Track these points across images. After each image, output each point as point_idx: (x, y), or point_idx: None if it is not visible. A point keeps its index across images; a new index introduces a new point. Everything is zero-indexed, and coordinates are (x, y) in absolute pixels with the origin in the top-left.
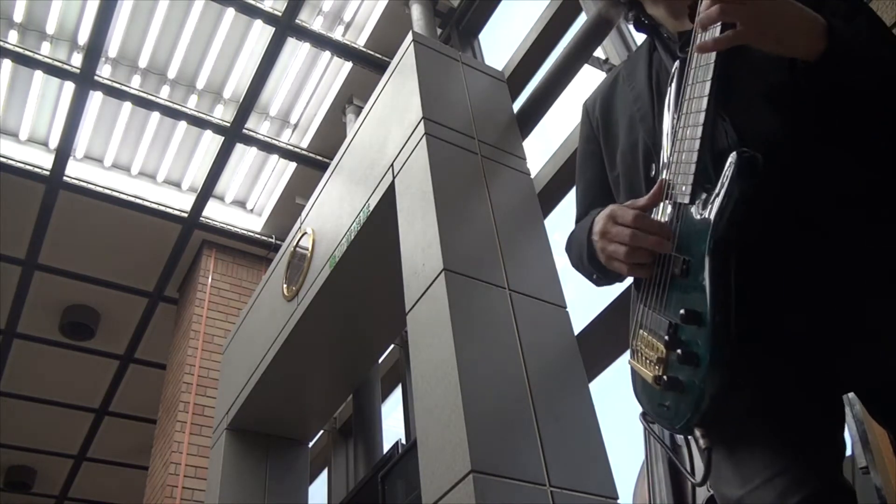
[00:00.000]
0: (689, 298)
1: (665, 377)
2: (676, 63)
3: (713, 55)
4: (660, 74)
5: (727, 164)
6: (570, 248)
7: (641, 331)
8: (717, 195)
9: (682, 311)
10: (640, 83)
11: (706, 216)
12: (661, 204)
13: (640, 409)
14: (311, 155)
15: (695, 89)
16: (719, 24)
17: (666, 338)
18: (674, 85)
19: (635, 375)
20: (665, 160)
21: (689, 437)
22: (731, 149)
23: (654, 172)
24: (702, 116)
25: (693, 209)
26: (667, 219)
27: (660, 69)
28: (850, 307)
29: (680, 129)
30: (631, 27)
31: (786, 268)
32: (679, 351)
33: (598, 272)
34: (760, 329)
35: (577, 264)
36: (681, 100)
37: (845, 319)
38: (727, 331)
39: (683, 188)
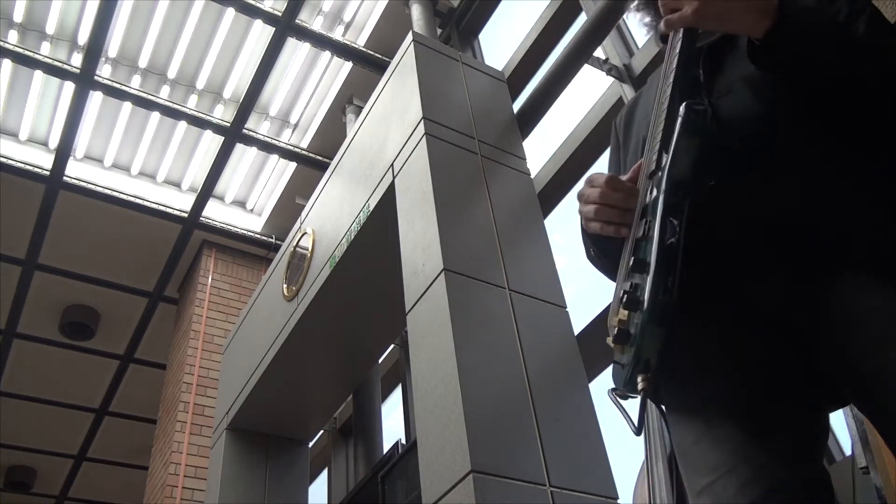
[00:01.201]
0: (642, 252)
1: (616, 329)
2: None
3: (680, 38)
4: None
5: (677, 117)
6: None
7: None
8: (669, 148)
9: (630, 261)
10: (654, 90)
11: (660, 175)
12: (644, 184)
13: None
14: (311, 155)
15: (667, 72)
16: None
17: (621, 294)
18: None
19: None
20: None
21: (634, 394)
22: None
23: None
24: (668, 90)
25: (657, 175)
26: (649, 197)
27: None
28: (825, 290)
29: (655, 113)
30: (633, 25)
31: (759, 244)
32: (625, 299)
33: (594, 245)
34: (729, 302)
35: (584, 245)
36: (662, 79)
37: (820, 301)
38: (667, 272)
39: (652, 157)
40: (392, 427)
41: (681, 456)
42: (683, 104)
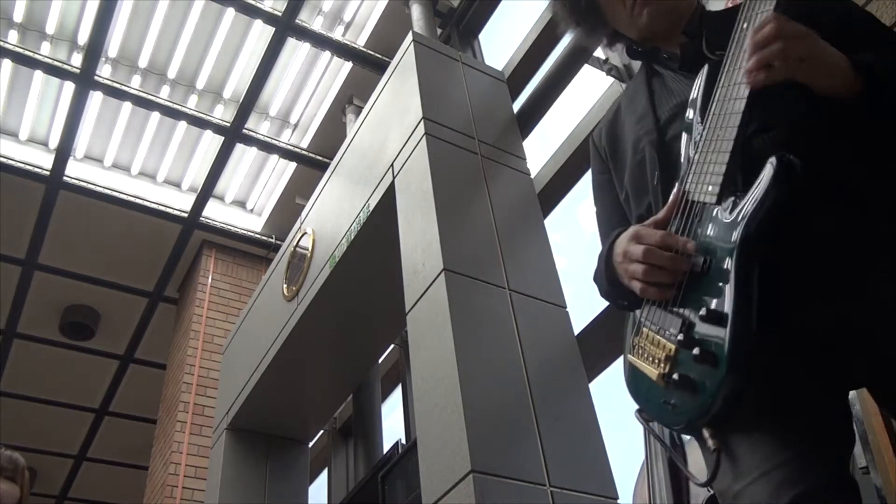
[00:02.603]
0: (710, 298)
1: (676, 375)
2: (705, 67)
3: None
4: (662, 93)
5: (766, 166)
6: (595, 277)
7: (645, 328)
8: (751, 197)
9: (702, 312)
10: (642, 105)
11: (735, 218)
12: (686, 211)
13: (636, 407)
14: (311, 155)
15: (729, 91)
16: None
17: (679, 336)
18: (702, 84)
19: (634, 371)
20: (683, 159)
21: (689, 435)
22: (759, 141)
23: (657, 180)
24: (737, 118)
25: (719, 210)
26: (680, 220)
27: (662, 88)
28: (871, 298)
29: (708, 129)
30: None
31: (805, 253)
32: (696, 350)
33: (622, 297)
34: (775, 322)
35: (602, 292)
36: (711, 101)
37: (862, 311)
38: (750, 332)
39: (709, 188)
40: (392, 427)
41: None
42: (776, 156)
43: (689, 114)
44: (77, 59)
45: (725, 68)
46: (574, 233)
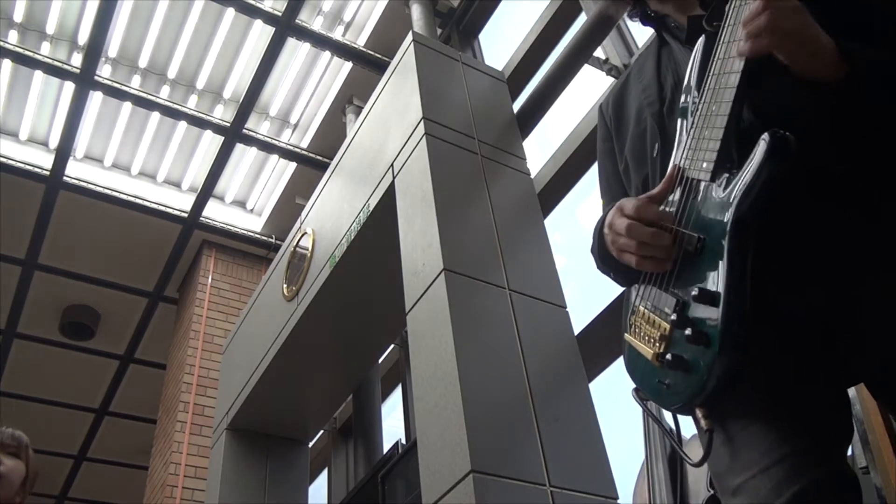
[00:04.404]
0: (703, 277)
1: (669, 356)
2: (701, 39)
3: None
4: (668, 64)
5: (759, 142)
6: (592, 250)
7: (641, 307)
8: (744, 174)
9: (694, 291)
10: (649, 74)
11: (729, 195)
12: (683, 187)
13: (633, 386)
14: (311, 155)
15: (724, 65)
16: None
17: (673, 316)
18: (698, 59)
19: (631, 351)
20: (679, 138)
21: (685, 416)
22: (753, 125)
23: (656, 152)
24: (731, 93)
25: (713, 187)
26: (678, 197)
27: (668, 59)
28: (866, 285)
29: (703, 104)
30: (633, 25)
31: (801, 245)
32: (688, 331)
33: (614, 270)
34: (770, 308)
35: (597, 264)
36: (706, 75)
37: (859, 298)
38: (742, 313)
39: (704, 164)
40: (392, 427)
41: (711, 456)
42: (769, 132)
43: (684, 96)
44: (77, 59)
45: (721, 40)
46: (574, 233)
